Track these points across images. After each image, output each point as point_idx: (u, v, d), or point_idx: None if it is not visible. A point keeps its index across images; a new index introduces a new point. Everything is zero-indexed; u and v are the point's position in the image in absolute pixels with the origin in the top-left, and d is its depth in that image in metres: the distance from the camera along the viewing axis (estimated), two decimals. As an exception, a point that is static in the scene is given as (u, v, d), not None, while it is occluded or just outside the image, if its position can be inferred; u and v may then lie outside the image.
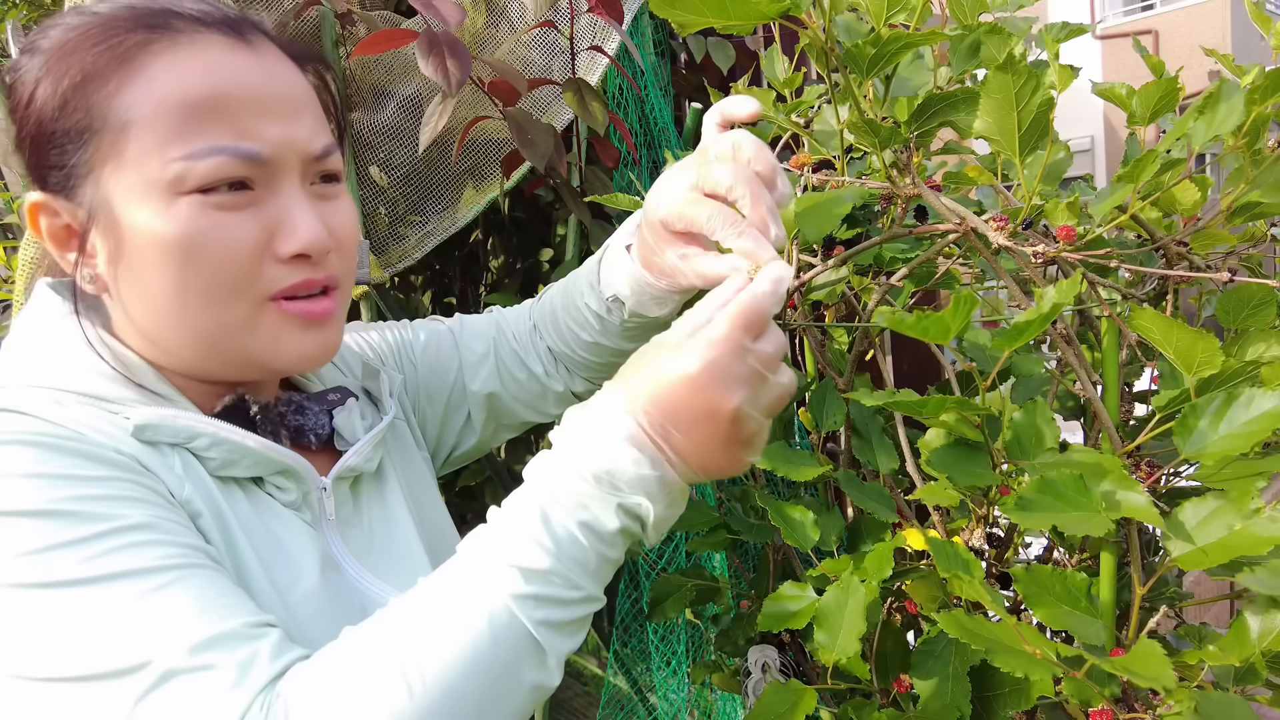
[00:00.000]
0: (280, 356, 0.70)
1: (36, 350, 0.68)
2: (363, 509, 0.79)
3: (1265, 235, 1.00)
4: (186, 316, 0.67)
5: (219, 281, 0.66)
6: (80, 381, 0.66)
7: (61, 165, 0.66)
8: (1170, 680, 0.60)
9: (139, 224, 0.64)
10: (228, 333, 0.68)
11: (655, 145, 1.56)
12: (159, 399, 0.68)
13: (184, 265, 0.64)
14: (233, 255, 0.65)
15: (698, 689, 1.52)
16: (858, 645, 0.80)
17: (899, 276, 0.93)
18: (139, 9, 0.67)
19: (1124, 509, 0.67)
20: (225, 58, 0.67)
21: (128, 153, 0.64)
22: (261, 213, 0.67)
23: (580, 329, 0.89)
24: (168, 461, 0.65)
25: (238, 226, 0.65)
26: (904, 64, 0.91)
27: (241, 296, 0.67)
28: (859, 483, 0.94)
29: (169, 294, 0.65)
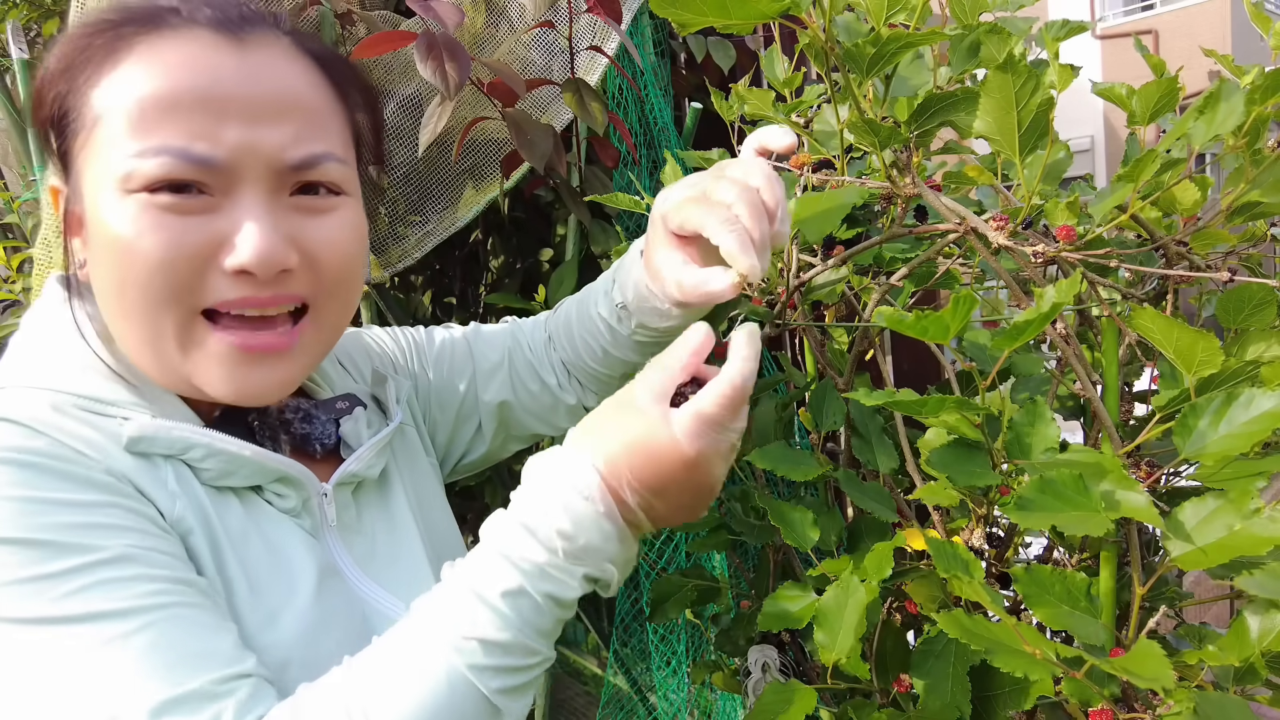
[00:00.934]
0: (215, 387, 0.67)
1: (40, 346, 0.68)
2: (366, 516, 0.78)
3: (1265, 235, 1.00)
4: (127, 320, 0.65)
5: (150, 285, 0.63)
6: (79, 382, 0.65)
7: (56, 150, 0.67)
8: (1170, 680, 0.60)
9: (98, 216, 0.63)
10: (162, 345, 0.65)
11: (655, 145, 1.56)
12: (156, 403, 0.67)
13: (123, 264, 0.62)
14: (168, 260, 0.62)
15: (698, 689, 1.52)
16: (857, 645, 0.79)
17: (899, 276, 0.93)
18: (147, 3, 0.67)
19: (1123, 509, 0.66)
20: (203, 55, 0.64)
21: (96, 146, 0.63)
22: (213, 220, 0.64)
23: (593, 339, 0.88)
24: (160, 475, 0.64)
25: (180, 231, 0.63)
26: (904, 64, 0.91)
27: (173, 306, 0.64)
28: (859, 482, 0.94)
29: (113, 293, 0.64)
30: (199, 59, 0.64)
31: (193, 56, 0.64)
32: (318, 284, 0.69)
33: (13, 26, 1.43)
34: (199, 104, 0.63)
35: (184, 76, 0.63)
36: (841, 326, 1.17)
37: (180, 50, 0.64)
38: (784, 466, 0.91)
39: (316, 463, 0.76)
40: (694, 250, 0.74)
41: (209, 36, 0.65)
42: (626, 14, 1.36)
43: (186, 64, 0.64)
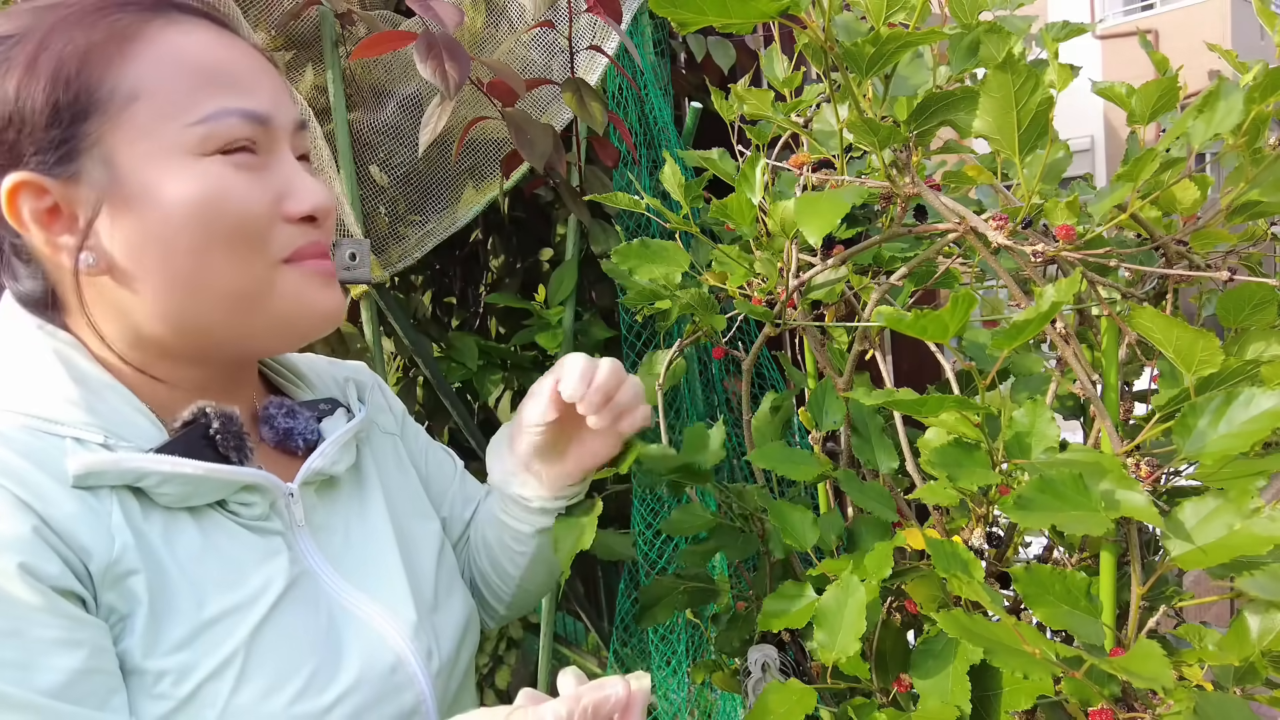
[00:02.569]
0: (308, 312, 0.72)
1: (11, 368, 0.67)
2: (338, 512, 0.78)
3: (1265, 234, 1.00)
4: (212, 278, 0.67)
5: (241, 238, 0.67)
6: (32, 401, 0.64)
7: (54, 142, 0.64)
8: (1169, 680, 0.60)
9: (161, 189, 0.65)
10: (253, 291, 0.69)
11: (655, 145, 1.56)
12: (114, 419, 0.66)
13: (209, 224, 0.66)
14: (253, 212, 0.68)
15: (697, 688, 1.52)
16: (857, 645, 0.79)
17: (898, 276, 0.93)
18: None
19: (1123, 508, 0.66)
20: (216, 36, 0.70)
21: (138, 122, 0.65)
22: (268, 177, 0.70)
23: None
24: (103, 510, 0.62)
25: (256, 187, 0.68)
26: (903, 63, 0.91)
27: (259, 256, 0.69)
28: (859, 482, 0.94)
29: (194, 256, 0.66)
30: (214, 38, 0.69)
31: (210, 36, 0.69)
32: (327, 231, 0.75)
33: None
34: (233, 74, 0.68)
35: (217, 49, 0.68)
36: (841, 326, 1.17)
37: (197, 31, 0.69)
38: (783, 466, 0.91)
39: (296, 460, 0.78)
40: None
41: (210, 24, 0.70)
42: (626, 13, 1.36)
43: (208, 42, 0.68)
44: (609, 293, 1.56)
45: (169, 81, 0.65)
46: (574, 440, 0.87)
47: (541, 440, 0.86)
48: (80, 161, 0.65)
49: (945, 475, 0.76)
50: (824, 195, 0.80)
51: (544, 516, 0.91)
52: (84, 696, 0.57)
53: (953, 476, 0.76)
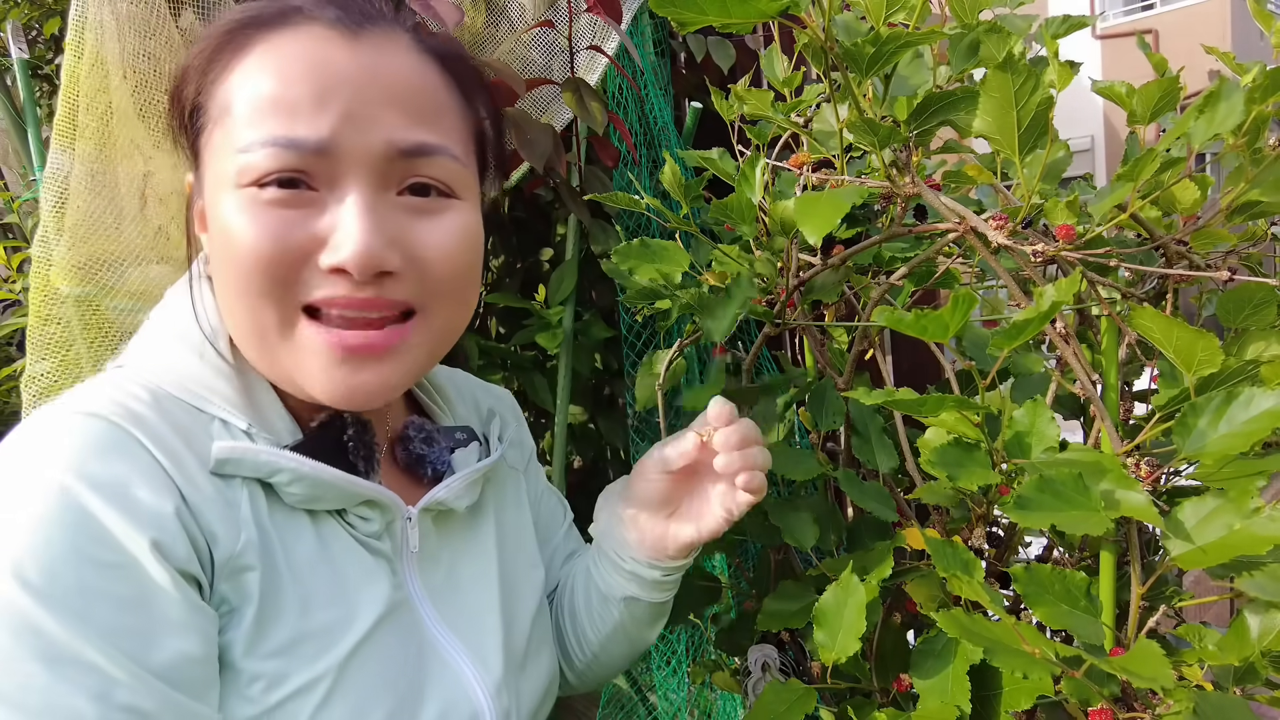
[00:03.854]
0: (314, 386, 0.66)
1: (161, 331, 0.70)
2: (447, 546, 0.76)
3: (1265, 234, 1.00)
4: (233, 313, 0.66)
5: (252, 279, 0.63)
6: (185, 368, 0.67)
7: (189, 150, 0.69)
8: (1169, 680, 0.60)
9: (215, 210, 0.65)
10: (265, 340, 0.65)
11: (655, 145, 1.56)
12: (257, 404, 0.68)
13: (230, 258, 0.64)
14: (266, 255, 0.62)
15: (698, 688, 1.52)
16: (857, 644, 0.79)
17: (898, 275, 0.93)
18: (274, 3, 0.68)
19: (1123, 508, 0.66)
20: (316, 47, 0.64)
21: (215, 143, 0.65)
22: (316, 216, 0.63)
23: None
24: (234, 500, 0.62)
25: (282, 226, 0.62)
26: (903, 63, 0.91)
27: (274, 301, 0.64)
28: (859, 482, 0.94)
29: (222, 285, 0.66)
30: (311, 51, 0.64)
31: (306, 49, 0.64)
32: (424, 289, 0.67)
33: (13, 27, 1.43)
34: (306, 93, 0.63)
35: (294, 68, 0.63)
36: (841, 326, 1.17)
37: (295, 45, 0.65)
38: (784, 466, 0.91)
39: (420, 485, 0.77)
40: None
41: (324, 31, 0.65)
42: (626, 13, 1.36)
43: (299, 57, 0.64)
44: (609, 292, 1.56)
45: (238, 102, 0.64)
46: (685, 503, 0.84)
47: (661, 489, 0.82)
48: (198, 171, 0.69)
49: (945, 475, 0.76)
50: (824, 195, 0.80)
51: (632, 582, 0.86)
52: (187, 682, 0.56)
53: (953, 476, 0.76)
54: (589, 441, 1.66)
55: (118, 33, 0.94)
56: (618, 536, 0.86)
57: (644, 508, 0.84)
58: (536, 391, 1.57)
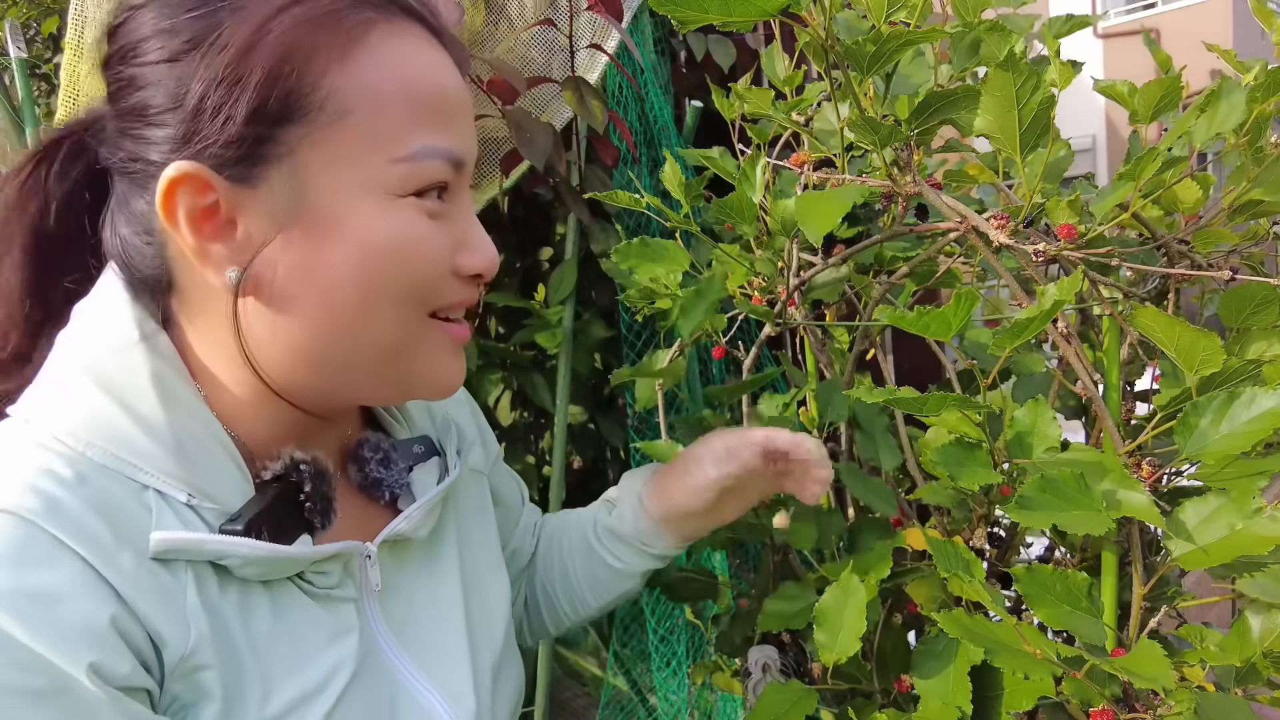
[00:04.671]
0: (435, 381, 0.66)
1: (75, 366, 0.58)
2: (405, 575, 0.71)
3: (1268, 233, 0.99)
4: (373, 326, 0.61)
5: (414, 291, 0.61)
6: (110, 432, 0.56)
7: (244, 139, 0.56)
8: (1170, 681, 0.60)
9: (349, 225, 0.58)
10: (400, 347, 0.62)
11: (655, 143, 1.56)
12: (199, 462, 0.59)
13: (390, 272, 0.59)
14: (434, 267, 0.61)
15: (698, 689, 1.52)
16: (858, 645, 0.79)
17: (899, 275, 0.93)
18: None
19: (1125, 508, 0.66)
20: (435, 53, 0.62)
21: (343, 144, 0.57)
22: (449, 225, 0.63)
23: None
24: (178, 586, 0.55)
25: (439, 235, 0.61)
26: (904, 61, 0.91)
27: (421, 309, 0.62)
28: (862, 475, 0.94)
29: (362, 301, 0.59)
30: (435, 56, 0.62)
31: (431, 53, 0.62)
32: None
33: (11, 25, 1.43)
34: (446, 105, 0.61)
35: (437, 74, 0.61)
36: (842, 325, 1.16)
37: (419, 46, 0.61)
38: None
39: (376, 507, 0.72)
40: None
41: (426, 33, 0.62)
42: (627, 12, 1.35)
43: (433, 62, 0.61)
44: (609, 292, 1.56)
45: (385, 104, 0.58)
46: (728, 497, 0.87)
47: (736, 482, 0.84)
48: (266, 169, 0.57)
49: (946, 474, 0.76)
50: (825, 194, 0.80)
51: (656, 561, 0.89)
52: None
53: (954, 476, 0.76)
54: (589, 441, 1.66)
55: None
56: (646, 528, 0.87)
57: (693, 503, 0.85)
58: (536, 391, 1.57)
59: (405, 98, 0.59)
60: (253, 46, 0.55)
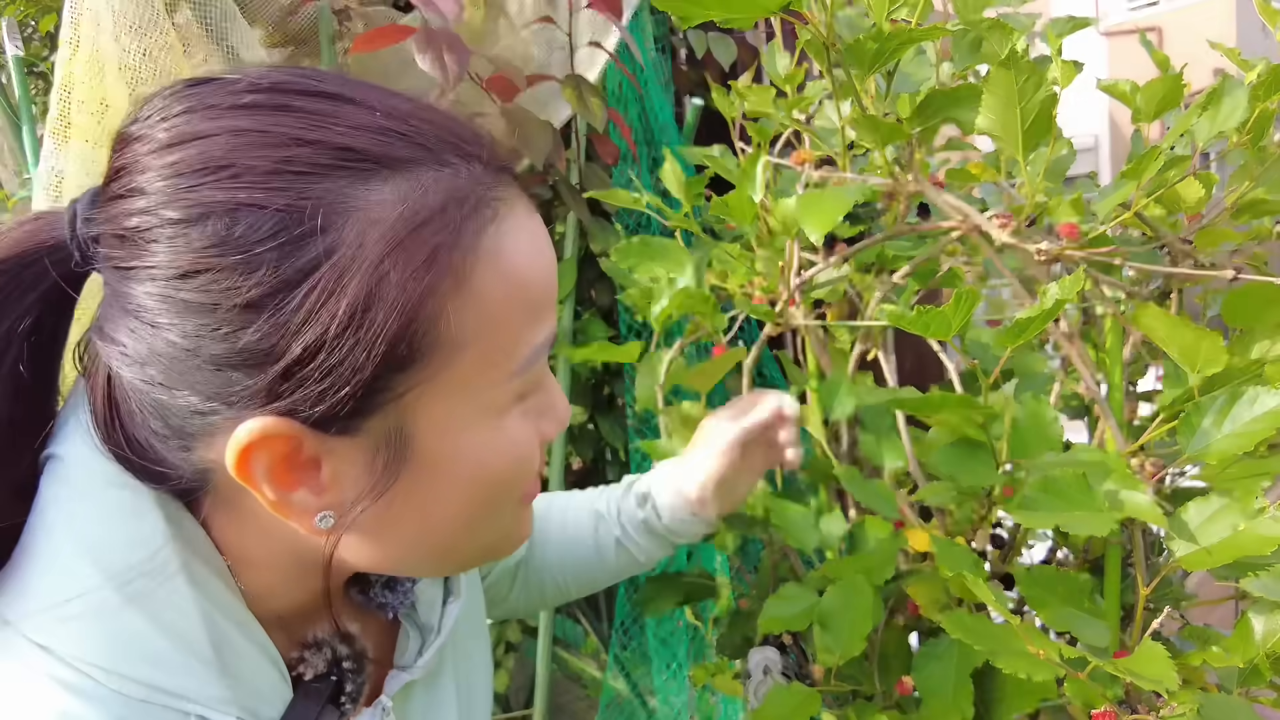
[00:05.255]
0: (512, 547, 0.60)
1: (110, 585, 0.47)
2: (409, 713, 0.65)
3: (1272, 233, 0.99)
4: (474, 535, 0.55)
5: (516, 493, 0.55)
6: (144, 657, 0.46)
7: (346, 399, 0.45)
8: (1173, 682, 0.59)
9: (461, 457, 0.50)
10: (492, 537, 0.57)
11: (655, 142, 1.55)
12: (238, 669, 0.50)
13: (500, 489, 0.53)
14: (534, 461, 0.55)
15: (698, 692, 1.51)
16: (861, 645, 0.79)
17: (901, 274, 0.93)
18: (461, 147, 0.49)
19: (1127, 509, 0.66)
20: (534, 222, 0.52)
21: (459, 375, 0.48)
22: (536, 401, 0.55)
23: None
24: None
25: (535, 431, 0.55)
26: (906, 60, 0.90)
27: (515, 497, 0.56)
28: (863, 480, 0.94)
29: (467, 521, 0.53)
30: (537, 236, 0.52)
31: (533, 233, 0.51)
32: None
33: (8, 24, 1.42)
34: (549, 290, 0.53)
35: (540, 264, 0.52)
36: (843, 325, 1.16)
37: (523, 228, 0.51)
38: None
39: (378, 623, 0.64)
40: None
41: (519, 194, 0.52)
42: (627, 9, 1.35)
43: (536, 248, 0.51)
44: (608, 292, 1.55)
45: (503, 319, 0.49)
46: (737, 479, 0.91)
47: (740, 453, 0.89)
48: (369, 418, 0.47)
49: (948, 475, 0.76)
50: (826, 193, 0.80)
51: (672, 548, 0.93)
52: None
53: (955, 477, 0.75)
54: (589, 441, 1.66)
55: (113, 29, 0.93)
56: (681, 524, 0.90)
57: (720, 484, 0.89)
58: (536, 391, 1.57)
59: (522, 303, 0.50)
60: (371, 296, 0.43)
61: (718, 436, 0.88)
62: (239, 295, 0.42)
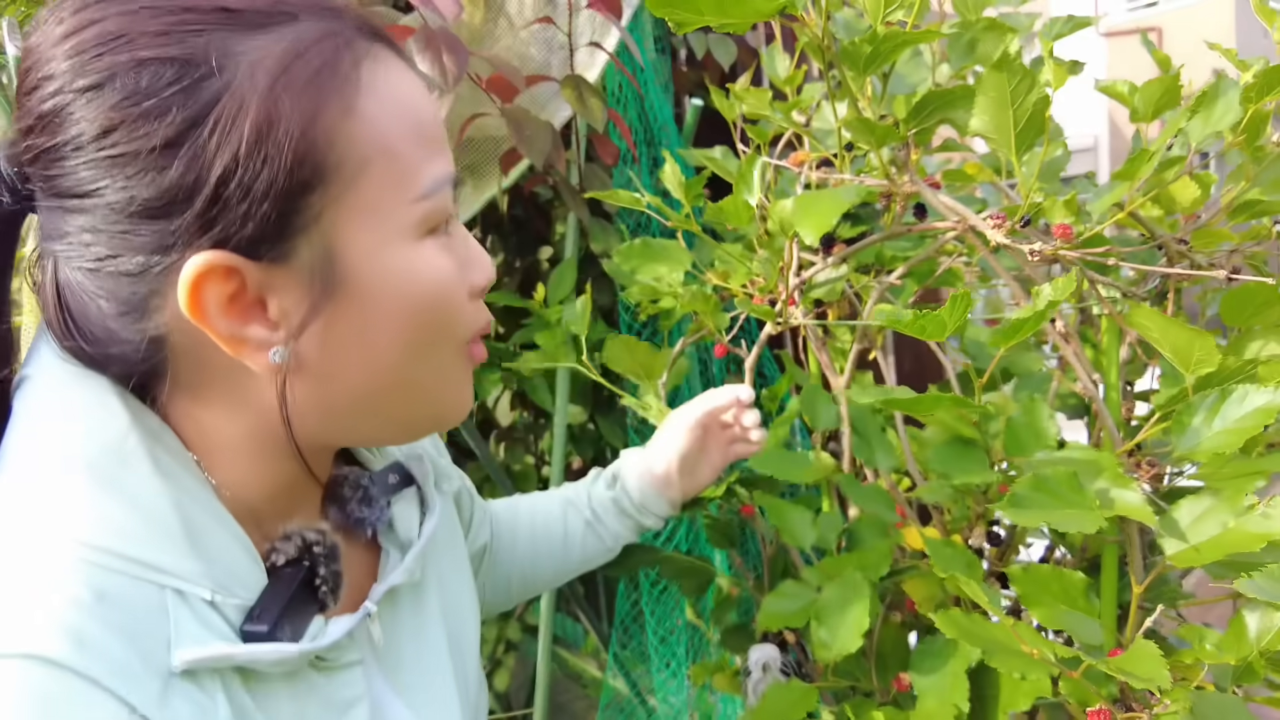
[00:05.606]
0: (459, 411, 0.63)
1: (61, 456, 0.52)
2: (399, 625, 0.68)
3: (1270, 233, 0.99)
4: (416, 375, 0.58)
5: (450, 329, 0.59)
6: (123, 533, 0.50)
7: (266, 218, 0.50)
8: (1165, 680, 0.60)
9: (388, 276, 0.55)
10: (441, 384, 0.61)
11: (654, 142, 1.56)
12: (212, 550, 0.54)
13: (430, 317, 0.57)
14: (459, 297, 0.59)
15: (698, 691, 1.52)
16: (859, 642, 0.79)
17: (898, 274, 0.93)
18: (335, 23, 0.55)
19: (1118, 507, 0.66)
20: (412, 74, 0.58)
21: (366, 196, 0.53)
22: (454, 248, 0.60)
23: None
24: (209, 703, 0.51)
25: (456, 266, 0.59)
26: (902, 61, 0.91)
27: (459, 344, 0.61)
28: (859, 485, 0.94)
29: (406, 353, 0.57)
30: (416, 82, 0.58)
31: (412, 79, 0.58)
32: None
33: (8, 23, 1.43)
34: (437, 129, 0.58)
35: (422, 102, 0.57)
36: (841, 325, 1.16)
37: (401, 73, 0.57)
38: (783, 470, 0.91)
39: (359, 542, 0.68)
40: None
41: (396, 56, 0.58)
42: (626, 9, 1.35)
43: (415, 88, 0.57)
44: (609, 292, 1.56)
45: (395, 145, 0.54)
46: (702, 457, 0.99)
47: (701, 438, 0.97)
48: (294, 242, 0.52)
49: (943, 474, 0.76)
50: (823, 194, 0.80)
51: (636, 531, 1.00)
52: None
53: (950, 475, 0.76)
54: (588, 441, 1.66)
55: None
56: (645, 501, 0.97)
57: (683, 460, 0.97)
58: (536, 391, 1.57)
59: (410, 132, 0.55)
60: (270, 117, 0.49)
61: (679, 419, 0.97)
62: (156, 137, 0.48)
